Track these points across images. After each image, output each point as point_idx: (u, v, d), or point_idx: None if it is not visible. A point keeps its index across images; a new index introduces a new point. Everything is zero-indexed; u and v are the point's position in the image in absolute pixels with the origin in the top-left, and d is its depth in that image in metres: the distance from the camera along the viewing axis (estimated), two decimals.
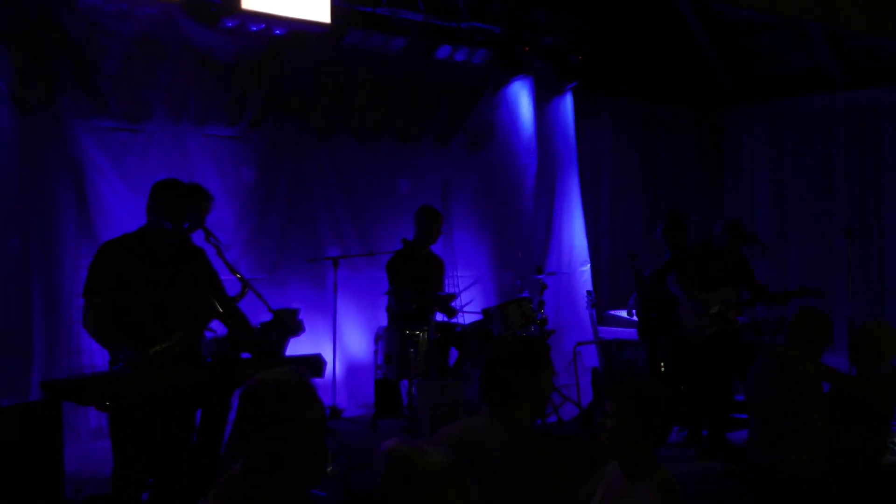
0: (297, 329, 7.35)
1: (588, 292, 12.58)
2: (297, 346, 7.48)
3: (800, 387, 6.67)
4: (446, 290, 11.33)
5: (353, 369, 11.15)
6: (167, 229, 6.54)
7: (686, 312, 10.41)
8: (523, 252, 12.78)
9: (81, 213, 9.40)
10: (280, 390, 3.46)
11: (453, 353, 10.65)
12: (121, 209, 9.36)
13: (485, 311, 10.54)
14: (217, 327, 7.40)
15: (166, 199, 6.60)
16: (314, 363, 7.15)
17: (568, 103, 13.51)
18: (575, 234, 13.50)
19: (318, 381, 7.30)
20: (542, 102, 13.31)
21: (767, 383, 6.80)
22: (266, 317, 7.21)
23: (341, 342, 10.67)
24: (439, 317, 10.73)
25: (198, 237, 7.10)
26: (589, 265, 13.47)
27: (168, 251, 6.69)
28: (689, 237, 14.78)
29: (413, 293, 10.00)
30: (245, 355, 6.92)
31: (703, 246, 10.66)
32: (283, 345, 7.19)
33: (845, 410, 6.98)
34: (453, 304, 11.08)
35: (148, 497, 6.85)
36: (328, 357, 8.72)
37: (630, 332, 11.46)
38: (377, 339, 10.28)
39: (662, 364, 10.76)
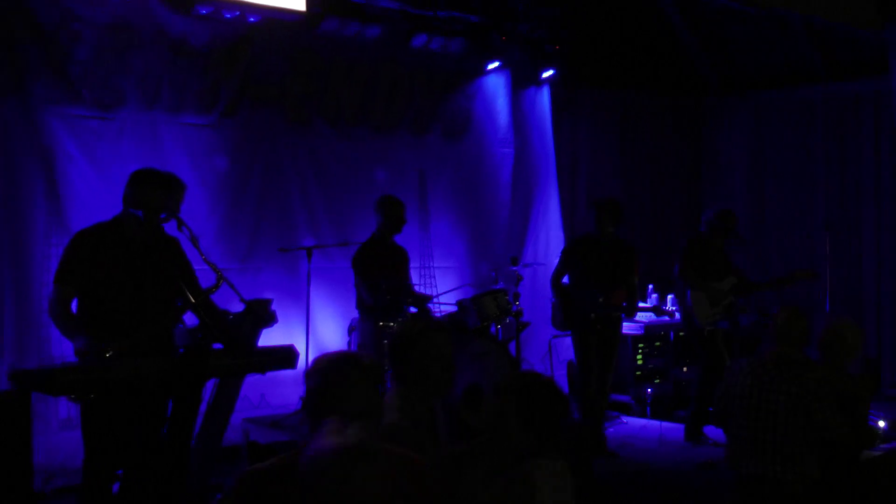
0: (269, 320, 7.37)
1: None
2: (270, 337, 7.50)
3: (815, 392, 6.64)
4: (420, 280, 11.45)
5: None
6: (140, 219, 6.57)
7: (695, 303, 10.53)
8: (499, 243, 12.82)
9: (52, 202, 9.41)
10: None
11: None
12: (92, 198, 9.36)
13: (460, 303, 10.55)
14: (188, 318, 7.43)
15: (145, 189, 6.63)
16: (287, 354, 7.19)
17: (545, 93, 13.56)
18: (551, 225, 13.56)
19: (290, 372, 7.38)
20: (519, 92, 13.36)
21: (770, 391, 6.67)
22: (238, 307, 7.24)
23: (314, 333, 10.70)
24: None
25: (170, 227, 7.13)
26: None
27: (143, 241, 6.72)
28: (669, 228, 14.91)
29: (388, 286, 10.02)
30: (217, 346, 6.95)
31: (700, 237, 10.76)
32: (255, 335, 7.22)
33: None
34: (429, 291, 11.21)
35: (118, 488, 6.88)
36: (301, 348, 8.73)
37: None
38: (351, 330, 10.30)
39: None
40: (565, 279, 10.60)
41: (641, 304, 12.48)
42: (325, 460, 3.38)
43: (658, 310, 11.92)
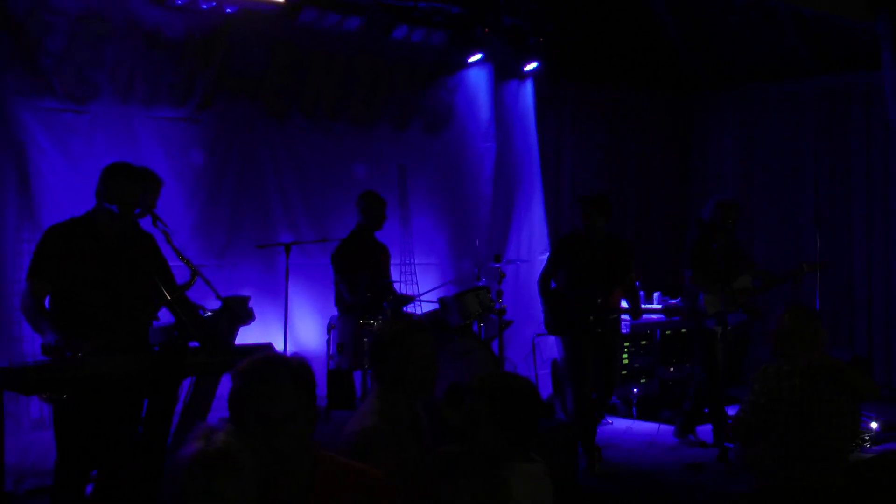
0: (247, 317, 7.39)
1: None
2: (248, 335, 7.52)
3: (856, 395, 6.67)
4: (400, 277, 11.51)
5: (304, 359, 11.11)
6: (115, 214, 6.58)
7: (709, 305, 10.49)
8: (481, 239, 12.82)
9: (23, 197, 9.36)
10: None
11: None
12: (64, 193, 9.33)
13: (441, 301, 10.58)
14: (163, 315, 7.44)
15: (118, 184, 6.63)
16: None
17: (528, 87, 13.59)
18: (535, 221, 13.59)
19: None
20: (502, 86, 13.39)
21: (821, 397, 6.62)
22: (215, 304, 7.25)
23: (293, 331, 10.69)
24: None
25: (145, 222, 7.14)
26: (549, 253, 13.52)
27: (116, 237, 6.72)
28: (656, 225, 14.92)
29: (367, 282, 10.04)
30: (193, 344, 6.96)
31: (702, 237, 10.68)
32: (232, 333, 7.25)
33: None
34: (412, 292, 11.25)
35: (92, 490, 6.89)
36: (279, 346, 8.77)
37: None
38: (330, 328, 10.30)
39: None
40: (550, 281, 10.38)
41: (651, 306, 12.54)
42: (186, 467, 3.35)
43: (670, 310, 11.90)
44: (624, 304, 10.47)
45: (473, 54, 12.74)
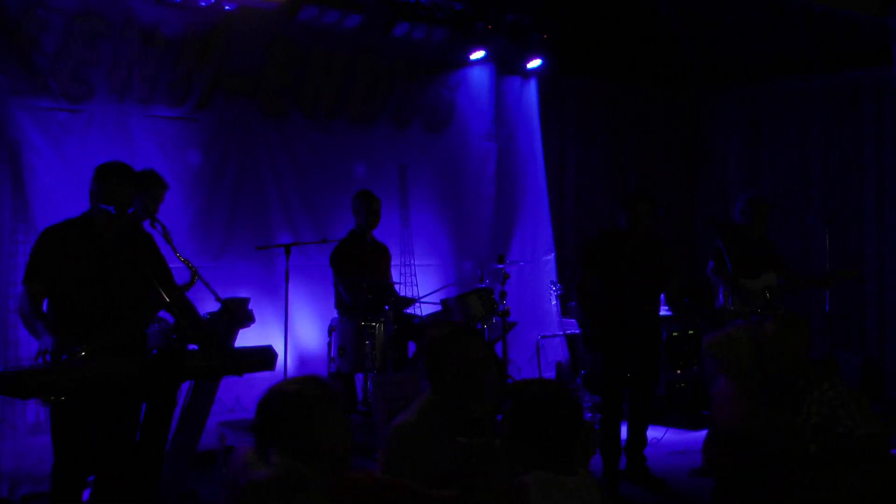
0: (246, 319, 7.41)
1: (552, 283, 12.68)
2: (247, 338, 7.55)
3: None
4: (401, 279, 11.55)
5: (305, 362, 11.16)
6: (111, 215, 6.60)
7: (733, 302, 10.43)
8: (484, 240, 12.84)
9: (17, 198, 9.40)
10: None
11: (411, 346, 10.71)
12: (59, 193, 9.38)
13: (444, 302, 10.60)
14: (163, 318, 7.47)
15: (109, 184, 6.63)
16: (265, 356, 7.22)
17: (532, 84, 13.62)
18: (539, 221, 13.60)
19: (268, 374, 7.42)
20: (505, 83, 13.41)
21: None
22: (213, 306, 7.28)
23: (293, 333, 10.71)
24: None
25: (145, 223, 7.19)
26: (553, 254, 13.56)
27: (114, 238, 6.74)
28: (661, 224, 14.90)
29: (368, 284, 10.06)
30: (192, 347, 6.99)
31: (735, 231, 10.60)
32: (232, 336, 7.27)
33: None
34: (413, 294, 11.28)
35: (89, 495, 6.92)
36: (279, 349, 8.79)
37: None
38: (331, 330, 10.32)
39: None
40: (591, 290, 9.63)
41: None
42: (259, 495, 3.35)
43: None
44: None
45: (476, 51, 12.73)
